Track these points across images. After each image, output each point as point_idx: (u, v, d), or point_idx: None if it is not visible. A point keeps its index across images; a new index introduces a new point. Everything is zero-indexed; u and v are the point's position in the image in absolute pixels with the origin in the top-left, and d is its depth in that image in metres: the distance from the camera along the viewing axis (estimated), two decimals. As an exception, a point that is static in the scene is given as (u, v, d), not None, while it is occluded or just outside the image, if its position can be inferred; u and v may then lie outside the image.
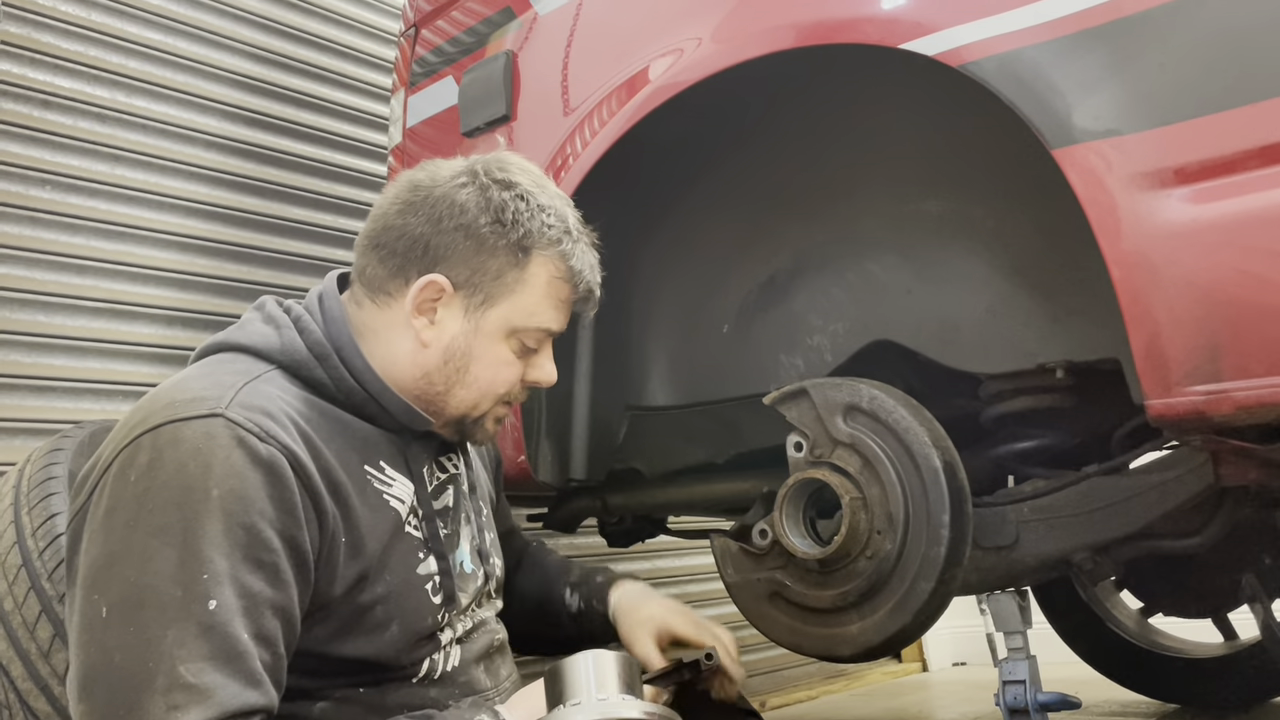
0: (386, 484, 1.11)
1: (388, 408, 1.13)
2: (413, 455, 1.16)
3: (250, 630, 0.94)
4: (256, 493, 0.97)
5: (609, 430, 1.72)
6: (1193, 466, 1.28)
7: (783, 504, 1.33)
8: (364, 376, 1.12)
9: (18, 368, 1.93)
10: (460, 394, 1.16)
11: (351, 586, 1.05)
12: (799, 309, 1.60)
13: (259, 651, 0.95)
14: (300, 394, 1.09)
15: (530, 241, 1.15)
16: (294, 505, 0.99)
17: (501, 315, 1.15)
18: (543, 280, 1.16)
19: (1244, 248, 1.01)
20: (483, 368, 1.16)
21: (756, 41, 1.37)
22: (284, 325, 1.13)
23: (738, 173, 1.64)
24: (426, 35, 1.94)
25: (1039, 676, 1.43)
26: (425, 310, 1.14)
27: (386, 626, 1.07)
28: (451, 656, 1.15)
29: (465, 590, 1.18)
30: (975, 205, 1.45)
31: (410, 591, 1.10)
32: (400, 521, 1.11)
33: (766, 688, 3.17)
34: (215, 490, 0.95)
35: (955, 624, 3.67)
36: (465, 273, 1.14)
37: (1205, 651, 2.27)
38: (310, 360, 1.11)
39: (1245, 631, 2.21)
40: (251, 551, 0.96)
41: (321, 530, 1.02)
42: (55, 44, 2.06)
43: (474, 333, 1.15)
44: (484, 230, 1.13)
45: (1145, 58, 1.08)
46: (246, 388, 1.04)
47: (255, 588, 0.95)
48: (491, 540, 1.29)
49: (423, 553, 1.13)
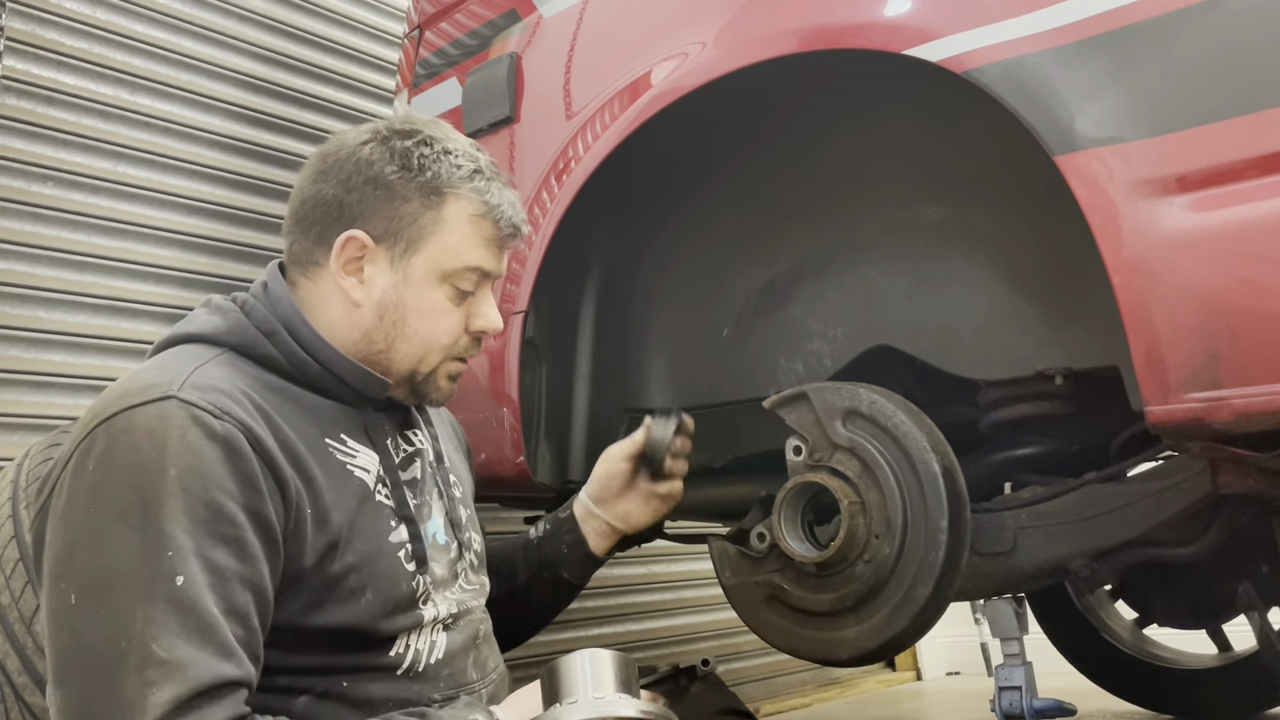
0: (350, 455, 1.12)
1: (342, 376, 1.14)
2: (373, 427, 1.17)
3: (220, 604, 0.94)
4: (215, 468, 0.97)
5: (608, 432, 1.72)
6: (1191, 474, 1.28)
7: (781, 507, 1.33)
8: (314, 347, 1.13)
9: (17, 363, 1.93)
10: (403, 348, 1.16)
11: (322, 557, 1.05)
12: (799, 314, 1.60)
13: (230, 625, 0.95)
14: (253, 373, 1.10)
15: (440, 182, 1.15)
16: (254, 478, 0.99)
17: (427, 260, 1.15)
18: (462, 219, 1.16)
19: (1244, 255, 1.01)
20: (419, 318, 1.16)
21: (760, 46, 1.38)
22: (229, 310, 1.15)
23: (739, 177, 1.64)
24: (430, 37, 1.94)
25: (1035, 683, 1.43)
26: (352, 270, 1.16)
27: (361, 594, 1.07)
28: (437, 646, 1.14)
29: (438, 560, 1.17)
30: (976, 212, 1.45)
31: (382, 558, 1.10)
32: (368, 490, 1.12)
33: (760, 695, 3.16)
34: (173, 469, 0.96)
35: (950, 633, 3.68)
36: (382, 224, 1.15)
37: (1200, 662, 2.27)
38: (259, 338, 1.12)
39: (1240, 644, 2.21)
40: (215, 527, 0.96)
41: (285, 503, 1.02)
42: (60, 41, 2.07)
43: (403, 283, 1.16)
44: (392, 178, 1.15)
45: (1148, 66, 1.08)
46: (198, 370, 1.05)
47: (221, 562, 0.95)
48: (469, 516, 1.28)
49: (394, 520, 1.13)
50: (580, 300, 1.70)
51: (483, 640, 1.23)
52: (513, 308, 1.60)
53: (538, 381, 1.65)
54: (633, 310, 1.74)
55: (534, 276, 1.59)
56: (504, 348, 1.61)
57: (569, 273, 1.67)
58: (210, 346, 1.12)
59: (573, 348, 1.69)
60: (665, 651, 2.97)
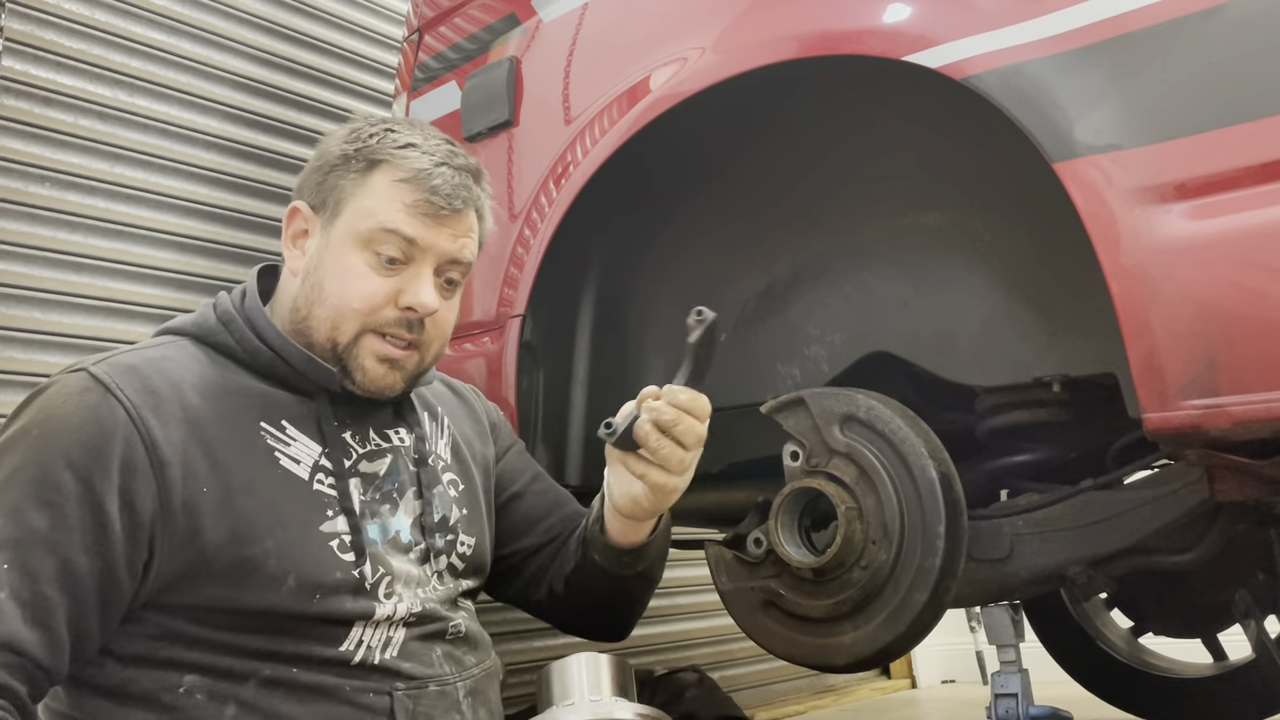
0: (284, 443, 1.13)
1: (291, 362, 1.15)
2: (327, 419, 1.16)
3: (11, 562, 0.97)
4: (67, 437, 1.02)
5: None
6: (1187, 481, 1.28)
7: (778, 513, 1.33)
8: (267, 334, 1.16)
9: (12, 364, 1.93)
10: (318, 313, 1.16)
11: (229, 538, 1.05)
12: (796, 319, 1.60)
13: (14, 580, 0.96)
14: (205, 358, 1.15)
15: (370, 151, 1.17)
16: (107, 454, 1.01)
17: (345, 222, 1.16)
18: (385, 183, 1.16)
19: (1242, 263, 1.02)
20: (332, 280, 1.15)
21: (759, 52, 1.38)
22: (205, 305, 1.21)
23: (737, 182, 1.64)
24: (429, 41, 1.94)
25: (1031, 690, 1.43)
26: (298, 244, 1.20)
27: (284, 579, 1.07)
28: (393, 643, 1.13)
29: (396, 557, 1.16)
30: (974, 218, 1.45)
31: (307, 546, 1.09)
32: (299, 480, 1.12)
33: (755, 702, 3.16)
34: (35, 430, 1.02)
35: (945, 641, 3.67)
36: (320, 194, 1.19)
37: (1196, 672, 2.27)
38: (217, 326, 1.17)
39: (1235, 654, 2.21)
40: (40, 491, 0.99)
41: (162, 482, 1.03)
42: (58, 41, 2.06)
43: (324, 246, 1.18)
44: (334, 153, 1.19)
45: (1147, 74, 1.09)
46: (134, 352, 1.12)
47: (34, 524, 0.98)
48: (463, 517, 1.26)
49: (331, 511, 1.13)
50: (578, 304, 1.70)
51: (457, 639, 1.20)
52: (511, 311, 1.60)
53: (535, 385, 1.65)
54: (630, 314, 1.74)
55: (532, 280, 1.59)
56: (502, 351, 1.60)
57: (567, 276, 1.67)
58: (176, 335, 1.18)
59: (570, 351, 1.69)
60: (661, 657, 2.96)
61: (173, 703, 1.04)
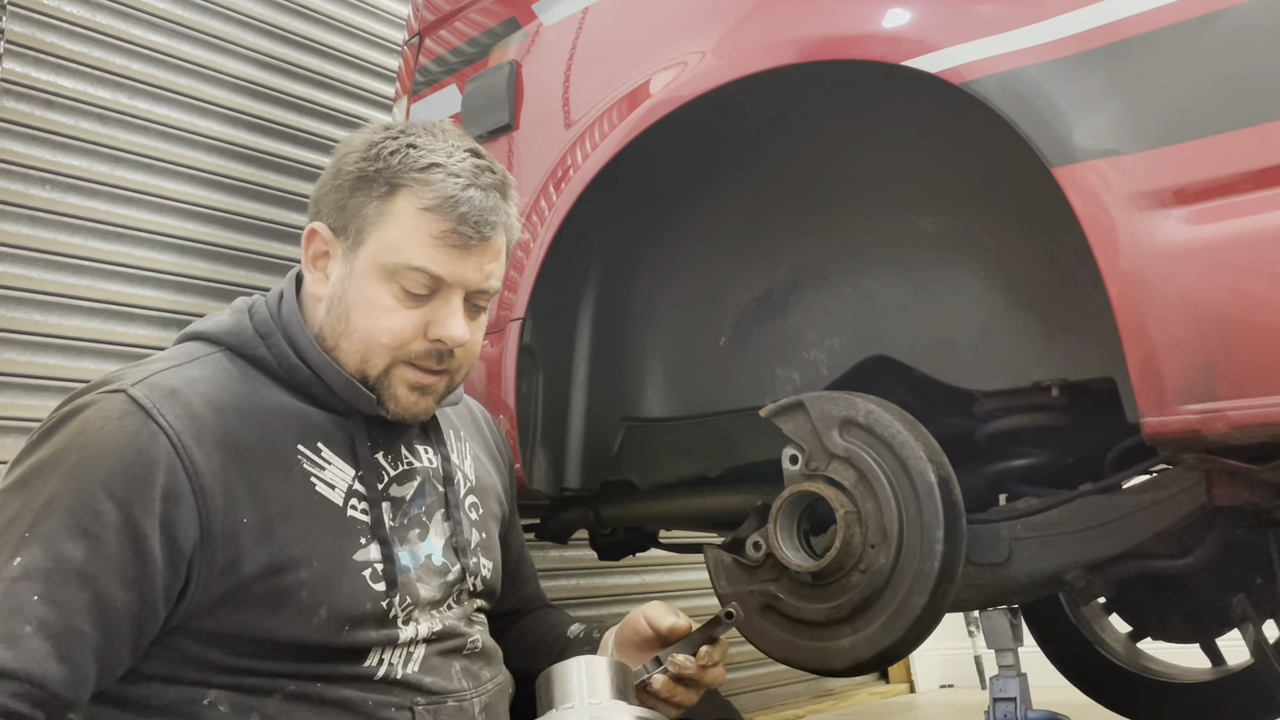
0: (319, 466, 1.10)
1: (330, 384, 1.12)
2: (361, 440, 1.14)
3: (43, 594, 0.93)
4: (107, 465, 0.98)
5: (604, 440, 1.72)
6: (1186, 486, 1.28)
7: (777, 517, 1.33)
8: (307, 352, 1.12)
9: (13, 366, 1.93)
10: (345, 346, 1.12)
11: (267, 568, 1.04)
12: (796, 323, 1.60)
13: (43, 613, 0.93)
14: (239, 373, 1.10)
15: (393, 174, 1.10)
16: (149, 485, 0.98)
17: (369, 253, 1.11)
18: (409, 212, 1.10)
19: (1241, 268, 1.02)
20: (360, 313, 1.11)
21: (759, 56, 1.38)
22: (239, 311, 1.16)
23: (737, 186, 1.64)
24: (430, 44, 1.95)
25: (1029, 695, 1.43)
26: (319, 266, 1.15)
27: (315, 610, 1.05)
28: (414, 659, 1.13)
29: (428, 582, 1.16)
30: (973, 223, 1.46)
31: (341, 577, 1.08)
32: (334, 506, 1.10)
33: (753, 706, 3.16)
34: (74, 456, 0.98)
35: (943, 645, 3.67)
36: (342, 218, 1.13)
37: (1194, 677, 2.27)
38: (254, 339, 1.12)
39: (1233, 659, 2.21)
40: (78, 519, 0.96)
41: (205, 512, 1.01)
42: (59, 44, 2.07)
43: (349, 276, 1.12)
44: (352, 169, 1.13)
45: (1145, 79, 1.09)
46: (171, 370, 1.06)
47: (69, 554, 0.95)
48: (481, 540, 1.26)
49: (364, 538, 1.11)
50: (578, 308, 1.71)
51: (474, 654, 1.21)
52: (510, 314, 1.60)
53: (535, 389, 1.65)
54: (630, 318, 1.74)
55: (532, 283, 1.59)
56: (501, 355, 1.61)
57: (567, 280, 1.68)
58: (209, 344, 1.13)
59: (570, 355, 1.69)
60: (659, 661, 2.96)
61: (196, 715, 1.03)
